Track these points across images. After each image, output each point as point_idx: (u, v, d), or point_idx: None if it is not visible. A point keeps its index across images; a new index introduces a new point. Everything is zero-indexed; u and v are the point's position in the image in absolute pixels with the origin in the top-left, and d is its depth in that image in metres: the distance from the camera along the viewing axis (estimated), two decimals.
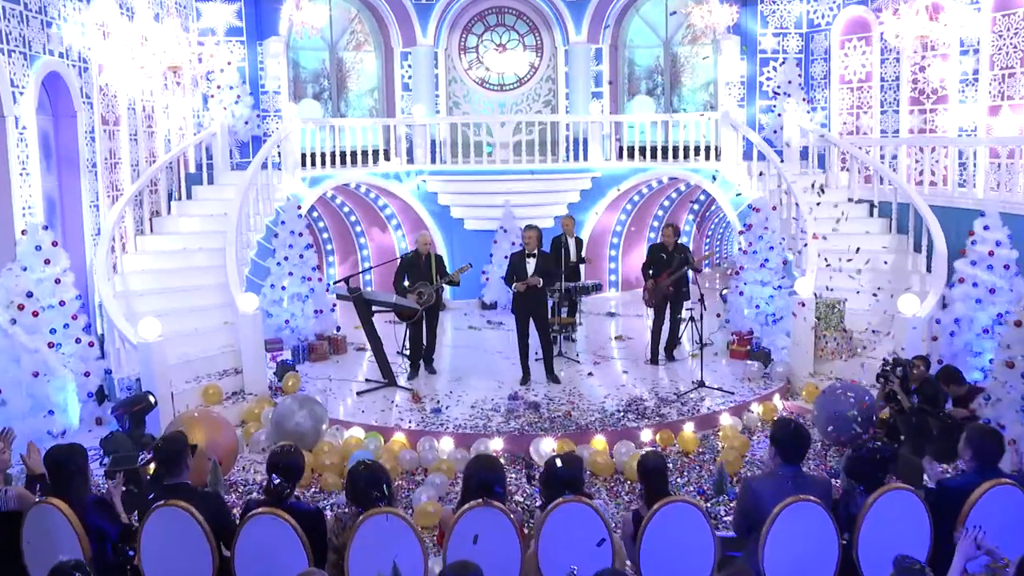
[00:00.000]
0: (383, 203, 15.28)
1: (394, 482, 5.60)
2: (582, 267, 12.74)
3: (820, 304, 9.83)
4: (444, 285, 10.42)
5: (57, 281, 8.47)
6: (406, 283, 10.34)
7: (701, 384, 9.50)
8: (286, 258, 11.20)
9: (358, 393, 9.66)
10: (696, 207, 15.98)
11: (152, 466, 6.23)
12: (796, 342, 9.87)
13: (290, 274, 11.15)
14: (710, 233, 17.22)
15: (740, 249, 11.26)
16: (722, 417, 8.85)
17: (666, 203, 15.71)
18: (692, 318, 11.44)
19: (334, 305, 11.86)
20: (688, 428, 8.56)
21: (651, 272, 10.61)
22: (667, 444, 8.38)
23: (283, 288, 11.10)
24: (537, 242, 9.70)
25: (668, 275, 10.38)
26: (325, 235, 16.37)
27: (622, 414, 8.79)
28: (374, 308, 9.82)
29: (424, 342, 10.52)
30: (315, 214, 15.98)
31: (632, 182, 14.65)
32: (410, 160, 14.94)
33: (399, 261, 10.44)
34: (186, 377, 9.48)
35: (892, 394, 7.50)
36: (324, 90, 15.91)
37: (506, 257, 14.22)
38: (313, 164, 13.89)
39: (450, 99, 16.43)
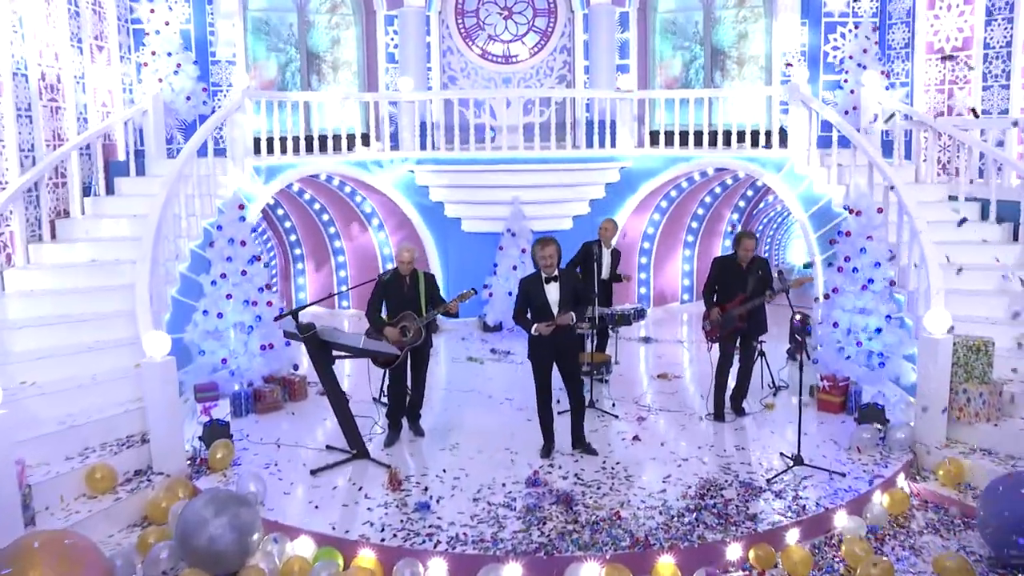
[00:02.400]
0: (361, 199, 12.46)
1: None
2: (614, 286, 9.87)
3: (959, 345, 7.06)
4: (437, 316, 7.61)
5: None
6: (384, 313, 7.57)
7: (798, 460, 6.74)
8: (223, 275, 8.40)
9: (313, 472, 6.87)
10: (742, 204, 13.18)
11: None
12: (923, 397, 7.10)
13: (229, 296, 8.34)
14: (757, 235, 14.41)
15: (831, 264, 8.47)
16: (837, 517, 6.09)
17: (708, 199, 12.91)
18: (762, 352, 8.76)
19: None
20: (792, 537, 5.82)
21: (716, 296, 7.85)
22: (767, 567, 5.62)
23: (219, 316, 8.29)
24: (558, 259, 6.94)
25: (742, 300, 7.62)
26: (293, 237, 13.55)
27: (693, 513, 6.02)
28: (335, 353, 7.02)
29: (409, 391, 7.75)
30: (280, 212, 13.18)
31: (670, 174, 11.84)
32: (395, 146, 12.12)
33: (375, 283, 7.63)
34: (70, 450, 6.69)
35: None
36: (291, 61, 13.07)
37: (514, 268, 11.54)
38: (273, 151, 11.10)
39: (445, 73, 13.61)
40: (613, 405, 8.51)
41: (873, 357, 7.88)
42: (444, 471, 6.91)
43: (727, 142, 11.84)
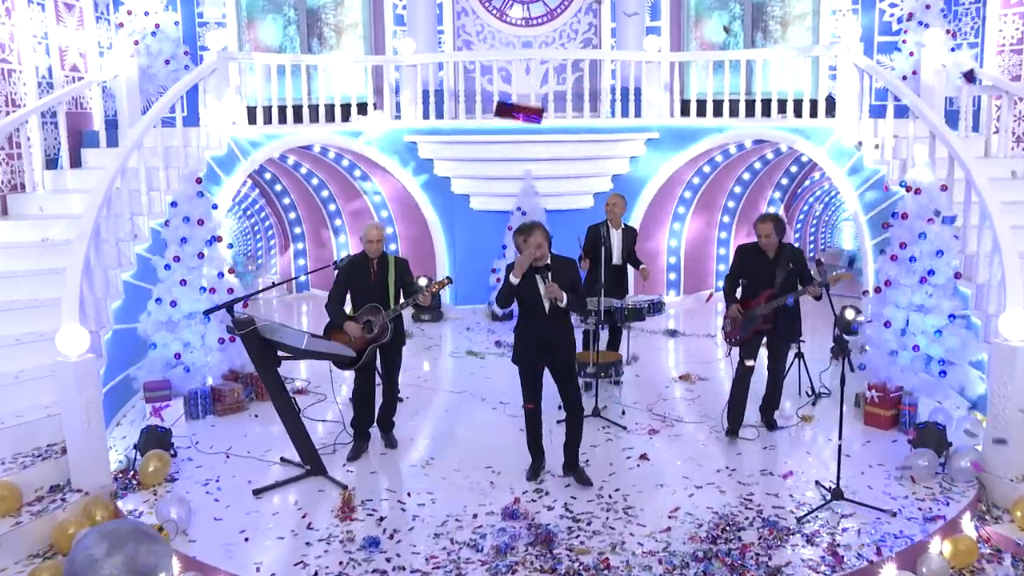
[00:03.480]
0: (360, 174, 11.38)
1: None
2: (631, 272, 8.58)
3: None
4: (408, 308, 6.50)
5: None
6: (348, 306, 6.49)
7: (837, 494, 5.49)
8: (176, 259, 7.39)
9: (256, 493, 5.84)
10: (785, 181, 11.80)
11: None
12: (996, 418, 5.78)
13: (183, 282, 7.33)
14: (802, 217, 12.97)
15: (883, 251, 7.12)
16: (885, 571, 4.86)
17: (746, 175, 11.55)
18: (800, 353, 7.51)
19: None
20: None
21: (741, 291, 6.61)
22: None
23: (172, 304, 7.29)
24: (547, 246, 5.74)
25: (768, 298, 6.36)
26: (292, 214, 12.55)
27: (701, 563, 4.83)
28: (281, 354, 5.94)
29: (383, 395, 6.69)
30: (278, 188, 12.19)
31: (702, 147, 10.53)
32: (397, 115, 11.01)
33: (335, 269, 6.55)
34: None
35: None
36: (289, 23, 12.01)
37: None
38: (269, 121, 10.05)
39: (459, 37, 12.43)
40: (623, 413, 7.33)
41: (932, 364, 6.56)
42: (409, 495, 5.83)
43: (767, 112, 10.47)
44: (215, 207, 7.73)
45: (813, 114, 9.68)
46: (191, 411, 7.30)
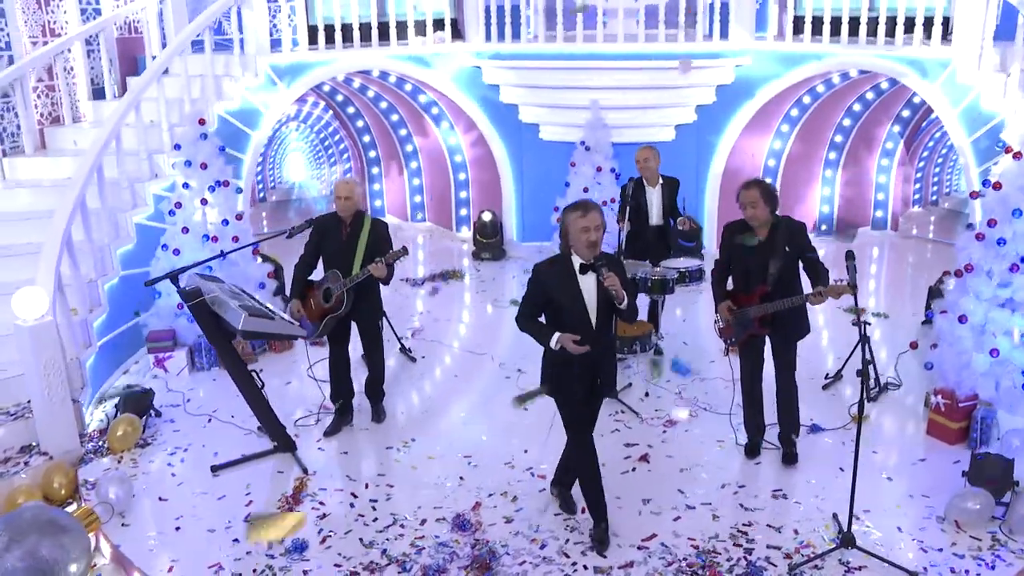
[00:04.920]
0: (426, 100, 10.65)
1: None
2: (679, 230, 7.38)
3: None
4: (365, 275, 5.65)
5: None
6: (319, 273, 5.90)
7: (848, 541, 4.50)
8: (179, 205, 7.04)
9: (214, 471, 5.53)
10: (906, 114, 10.03)
11: None
12: None
13: (185, 230, 7.01)
14: (926, 155, 11.09)
15: (969, 226, 5.72)
16: None
17: (857, 107, 9.88)
18: (864, 336, 6.32)
19: (271, 274, 7.67)
20: None
21: (734, 283, 5.48)
22: None
23: (176, 252, 7.00)
24: (599, 239, 4.33)
25: (760, 296, 5.21)
26: (367, 138, 12.04)
27: None
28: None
29: (367, 368, 6.16)
30: (351, 110, 11.67)
31: (797, 75, 9.04)
32: (458, 35, 10.12)
33: (288, 237, 5.95)
34: None
35: None
36: None
37: (585, 191, 9.40)
38: (332, 41, 9.40)
39: None
40: (646, 395, 6.48)
41: (1015, 377, 5.28)
42: (367, 487, 5.34)
43: (891, 32, 8.72)
44: (222, 149, 7.29)
45: (926, 37, 7.95)
46: (196, 362, 7.09)
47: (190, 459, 5.73)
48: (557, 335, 4.33)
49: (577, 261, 4.37)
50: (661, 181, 7.10)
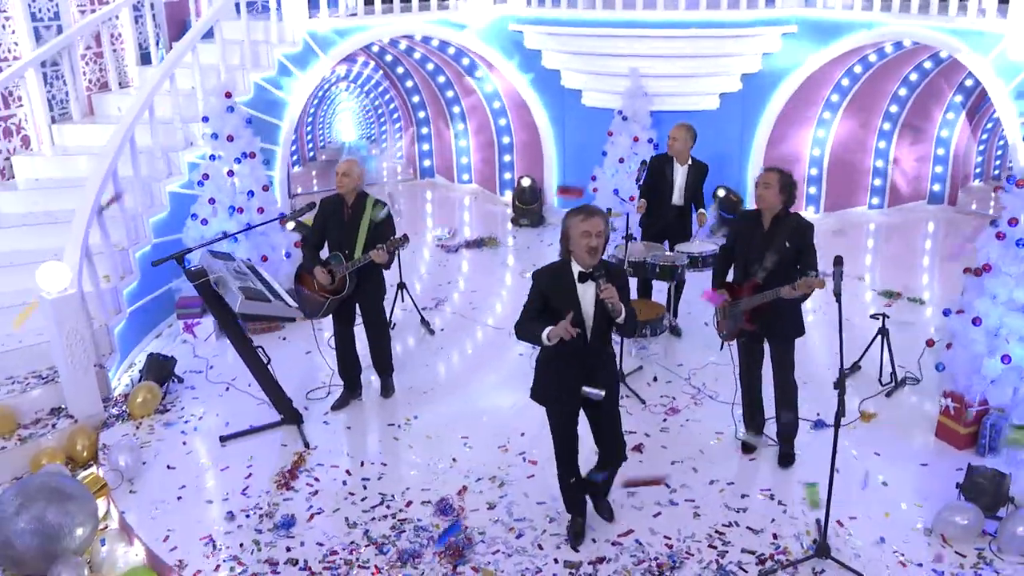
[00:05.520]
0: (468, 63, 10.58)
1: None
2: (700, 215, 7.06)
3: None
4: (367, 260, 5.69)
5: None
6: (325, 251, 6.00)
7: (822, 550, 4.43)
8: (206, 176, 7.24)
9: (222, 441, 5.79)
10: (969, 83, 9.45)
11: None
12: None
13: (212, 201, 7.21)
14: (990, 126, 10.42)
15: (994, 222, 5.41)
16: None
17: (913, 76, 9.36)
18: (884, 329, 6.16)
19: (299, 243, 7.83)
20: None
21: (729, 274, 5.34)
22: None
23: (203, 223, 7.23)
24: (605, 244, 4.20)
25: (751, 289, 5.06)
26: (416, 98, 12.05)
27: None
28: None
29: (370, 346, 6.27)
30: (400, 70, 11.68)
31: (846, 44, 8.62)
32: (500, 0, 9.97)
33: (317, 209, 6.05)
34: None
35: None
36: None
37: (620, 161, 9.24)
38: (371, 3, 9.40)
39: None
40: (654, 380, 6.45)
41: None
42: (361, 464, 5.51)
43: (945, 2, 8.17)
44: (249, 122, 7.42)
45: (982, 9, 7.44)
46: (222, 329, 7.34)
47: (203, 427, 6.00)
48: (548, 329, 4.15)
49: (577, 268, 4.20)
50: (690, 162, 6.93)
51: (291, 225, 7.99)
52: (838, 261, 4.45)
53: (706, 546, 4.63)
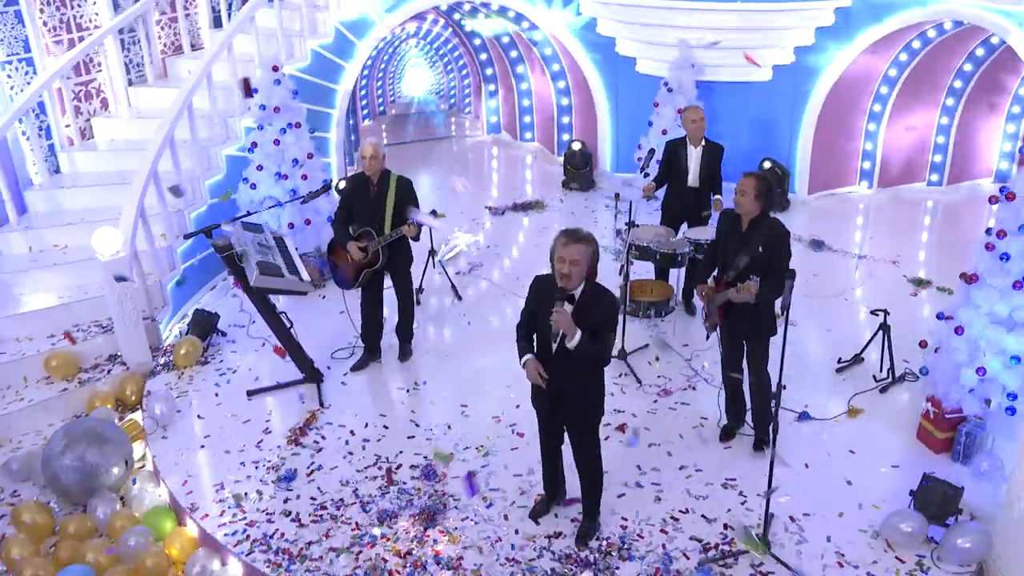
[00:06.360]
0: (528, 25, 10.71)
1: None
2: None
3: None
4: (398, 235, 6.21)
5: None
6: (352, 226, 6.46)
7: (761, 545, 4.69)
8: (255, 144, 7.79)
9: (249, 395, 6.43)
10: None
11: None
12: (1019, 496, 4.41)
13: (260, 168, 7.77)
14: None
15: (988, 230, 5.33)
16: None
17: (980, 51, 8.95)
18: (885, 325, 6.21)
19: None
20: None
21: (710, 268, 5.49)
22: None
23: (252, 187, 7.81)
24: (586, 271, 4.26)
25: (724, 286, 5.20)
26: (483, 55, 12.27)
27: None
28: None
29: (399, 315, 6.76)
30: (477, 42, 11.91)
31: (900, 21, 8.34)
32: None
33: (343, 188, 6.49)
34: (56, 327, 6.89)
35: None
36: None
37: (663, 133, 9.29)
38: None
39: None
40: (656, 360, 6.70)
41: (1005, 397, 5.06)
42: (366, 425, 6.05)
43: None
44: (295, 94, 7.87)
45: None
46: None
47: (235, 380, 6.65)
48: (527, 357, 4.37)
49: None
50: (703, 144, 7.01)
51: (337, 192, 8.47)
52: (791, 275, 4.57)
53: (658, 530, 4.96)
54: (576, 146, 10.54)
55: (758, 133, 9.55)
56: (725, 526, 4.97)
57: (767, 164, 9.38)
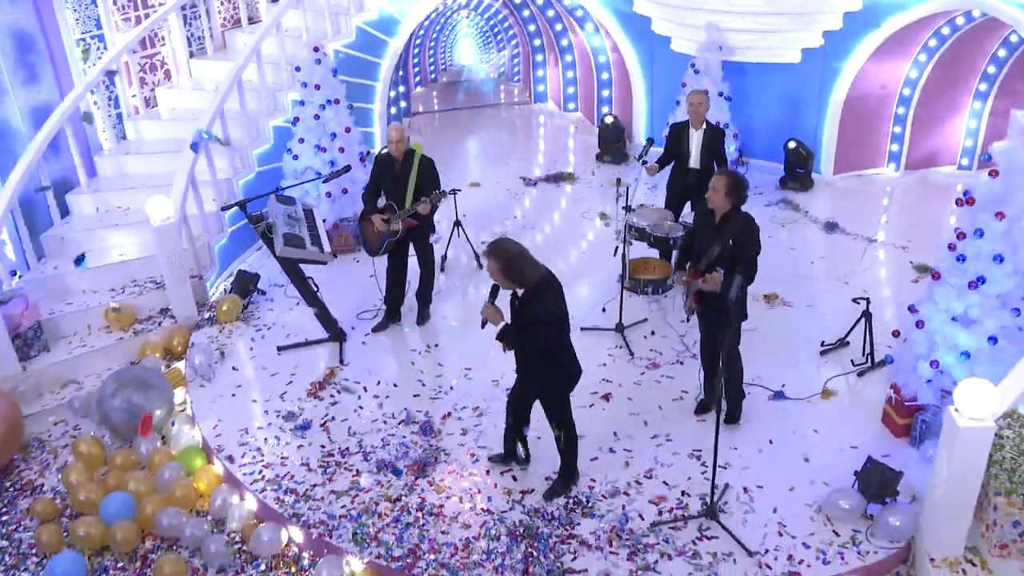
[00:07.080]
0: (570, 3, 11.02)
1: None
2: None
3: (1009, 440, 4.49)
4: (414, 210, 6.84)
5: None
6: (381, 202, 7.08)
7: (710, 511, 5.17)
8: (296, 119, 8.43)
9: (279, 350, 7.17)
10: None
11: None
12: (955, 479, 4.77)
13: (301, 140, 8.43)
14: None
15: (951, 243, 5.58)
16: None
17: (1014, 37, 8.91)
18: (867, 312, 6.53)
19: None
20: None
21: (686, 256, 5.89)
22: None
23: (295, 158, 8.48)
24: (511, 277, 4.91)
25: (696, 274, 5.60)
26: (532, 27, 12.64)
27: (515, 538, 5.16)
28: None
29: (419, 281, 7.41)
30: (526, 13, 12.29)
31: (924, 10, 8.39)
32: None
33: (323, 182, 7.12)
34: (117, 283, 7.76)
35: None
36: None
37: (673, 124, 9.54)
38: None
39: None
40: (651, 333, 7.16)
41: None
42: (378, 383, 6.72)
43: None
44: (335, 72, 8.45)
45: None
46: None
47: (269, 336, 7.40)
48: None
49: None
50: (704, 126, 7.35)
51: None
52: (747, 273, 4.97)
53: (621, 492, 5.50)
54: (609, 120, 10.88)
55: (786, 114, 9.73)
56: (683, 493, 5.48)
57: (792, 144, 9.58)
